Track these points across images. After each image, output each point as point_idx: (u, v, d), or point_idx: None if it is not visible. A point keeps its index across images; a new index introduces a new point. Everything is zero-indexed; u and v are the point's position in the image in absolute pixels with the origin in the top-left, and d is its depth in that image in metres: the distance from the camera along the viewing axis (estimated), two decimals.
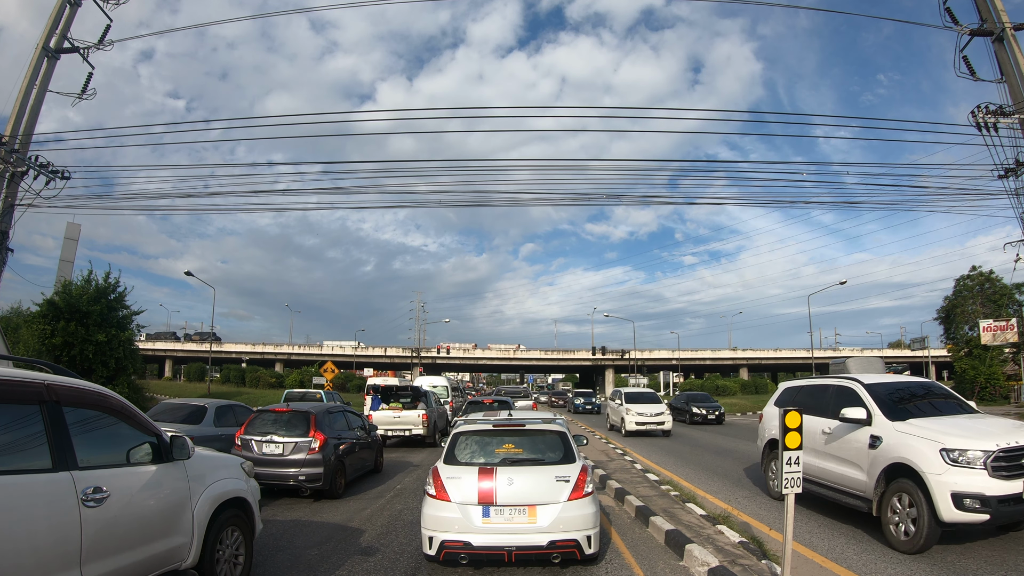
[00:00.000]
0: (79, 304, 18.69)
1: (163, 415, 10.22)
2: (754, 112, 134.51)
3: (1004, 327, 28.61)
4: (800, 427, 4.86)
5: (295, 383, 49.41)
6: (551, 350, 78.41)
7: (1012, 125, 15.25)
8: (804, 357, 66.96)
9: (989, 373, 30.55)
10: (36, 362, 4.29)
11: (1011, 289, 33.44)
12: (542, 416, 6.48)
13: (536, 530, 5.10)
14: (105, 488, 3.44)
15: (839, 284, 45.91)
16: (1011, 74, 15.13)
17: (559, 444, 5.72)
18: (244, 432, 9.06)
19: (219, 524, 4.53)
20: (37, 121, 17.11)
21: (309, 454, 8.68)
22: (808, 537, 6.60)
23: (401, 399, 16.30)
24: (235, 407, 11.63)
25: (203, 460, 4.61)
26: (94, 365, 18.84)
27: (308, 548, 6.26)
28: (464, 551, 5.12)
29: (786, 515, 4.76)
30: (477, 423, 6.06)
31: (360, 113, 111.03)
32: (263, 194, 44.08)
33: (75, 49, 17.92)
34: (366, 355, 70.72)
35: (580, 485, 5.28)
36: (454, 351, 73.05)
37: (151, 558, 3.81)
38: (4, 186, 16.16)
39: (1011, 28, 15.17)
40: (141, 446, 3.97)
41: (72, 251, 22.33)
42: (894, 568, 5.54)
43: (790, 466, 4.79)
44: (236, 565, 4.80)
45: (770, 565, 5.32)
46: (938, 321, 40.34)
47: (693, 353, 75.22)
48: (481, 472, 5.30)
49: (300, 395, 23.05)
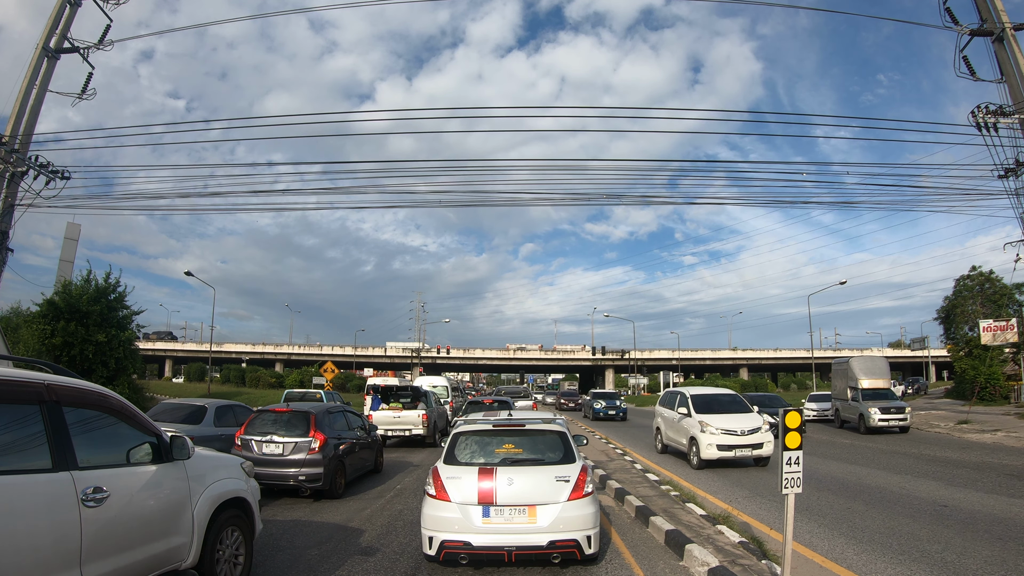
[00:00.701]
0: (79, 304, 18.69)
1: (163, 415, 10.22)
2: (754, 112, 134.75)
3: (1004, 327, 28.58)
4: (799, 427, 4.85)
5: (295, 383, 49.46)
6: (551, 350, 78.47)
7: (1012, 125, 15.26)
8: (804, 357, 66.97)
9: (989, 373, 30.51)
10: (36, 362, 4.29)
11: (1011, 289, 33.42)
12: (542, 416, 6.48)
13: (536, 530, 5.10)
14: (105, 488, 3.44)
15: (839, 284, 45.92)
16: (1011, 74, 15.14)
17: (559, 444, 5.72)
18: (244, 432, 9.05)
19: (219, 524, 4.53)
20: (37, 121, 17.13)
21: (309, 454, 8.68)
22: (808, 537, 6.60)
23: (401, 399, 16.29)
24: (235, 407, 11.62)
25: (203, 460, 4.61)
26: (94, 365, 18.83)
27: (308, 548, 6.25)
28: (464, 551, 5.11)
29: (786, 515, 4.75)
30: (477, 423, 6.06)
31: (359, 113, 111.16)
32: (263, 194, 44.12)
33: (75, 49, 17.93)
34: (366, 355, 70.72)
35: (580, 485, 5.28)
36: (454, 351, 73.06)
37: (151, 558, 3.81)
38: (4, 186, 16.17)
39: (1011, 28, 15.18)
40: (141, 446, 3.97)
41: (72, 251, 22.35)
42: (894, 568, 5.54)
43: (790, 466, 4.77)
44: (236, 565, 4.80)
45: (770, 565, 5.31)
46: (938, 321, 40.36)
47: (693, 353, 75.26)
48: (481, 472, 5.30)
49: (300, 395, 23.06)
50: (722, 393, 14.33)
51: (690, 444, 12.38)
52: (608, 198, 26.99)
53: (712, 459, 11.83)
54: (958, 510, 7.92)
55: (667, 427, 14.13)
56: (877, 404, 19.60)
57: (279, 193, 51.62)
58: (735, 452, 11.77)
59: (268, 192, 51.36)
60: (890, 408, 19.48)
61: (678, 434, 13.23)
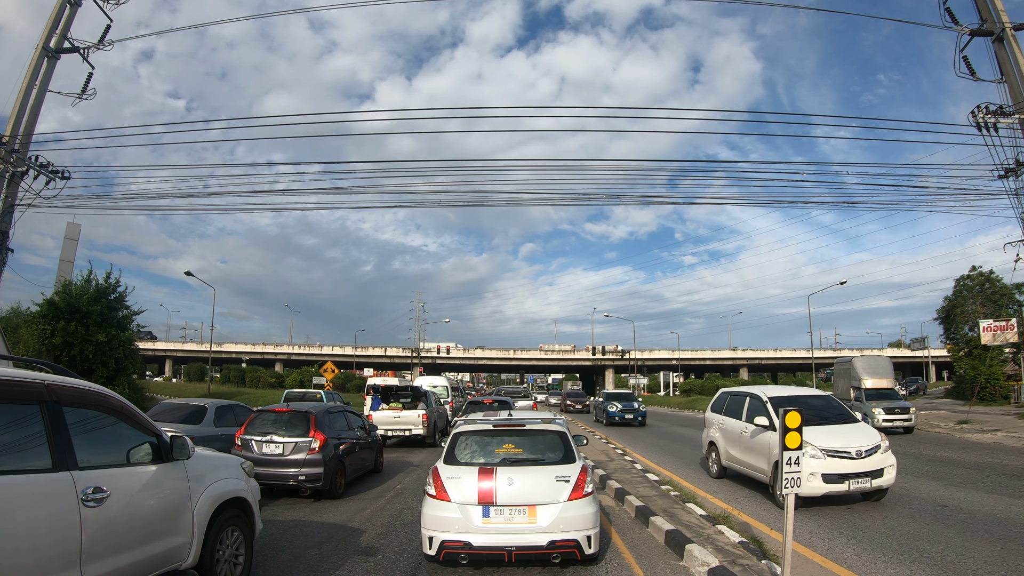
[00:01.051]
0: (79, 304, 18.67)
1: (163, 415, 10.22)
2: (754, 112, 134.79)
3: (1004, 327, 28.58)
4: (800, 427, 4.86)
5: (295, 383, 49.46)
6: (551, 350, 78.42)
7: (1012, 125, 15.26)
8: (804, 357, 66.98)
9: (989, 373, 30.51)
10: (36, 362, 4.29)
11: (1011, 289, 33.46)
12: (542, 416, 6.48)
13: (536, 530, 5.10)
14: (105, 488, 3.44)
15: (839, 284, 45.86)
16: (1011, 74, 15.14)
17: (559, 444, 5.72)
18: (244, 432, 9.05)
19: (219, 524, 4.53)
20: (37, 121, 17.13)
21: (309, 454, 8.68)
22: (808, 537, 6.60)
23: (401, 399, 16.29)
24: (235, 407, 11.62)
25: (203, 460, 4.61)
26: (94, 365, 18.82)
27: (308, 548, 6.26)
28: (464, 551, 5.12)
29: (786, 515, 4.76)
30: (477, 423, 6.06)
31: (359, 113, 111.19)
32: (263, 194, 44.15)
33: (75, 49, 17.93)
34: (366, 355, 70.72)
35: (580, 485, 5.28)
36: (454, 351, 73.05)
37: (151, 558, 3.81)
38: (4, 186, 16.17)
39: (1011, 28, 15.18)
40: (141, 446, 3.97)
41: (72, 251, 22.35)
42: (894, 568, 5.54)
43: (790, 466, 4.78)
44: (236, 565, 4.80)
45: (770, 565, 5.31)
46: (938, 321, 40.39)
47: (693, 353, 75.28)
48: (481, 472, 5.30)
49: (300, 395, 23.06)
50: (812, 395, 10.28)
51: (774, 471, 8.14)
52: (608, 198, 27.02)
53: (816, 495, 7.84)
54: (958, 510, 7.92)
55: (729, 442, 10.01)
56: (881, 404, 19.40)
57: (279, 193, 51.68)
58: (848, 485, 7.83)
59: (268, 192, 51.43)
60: (894, 408, 19.32)
61: (749, 454, 9.25)
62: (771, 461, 8.37)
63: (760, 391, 9.63)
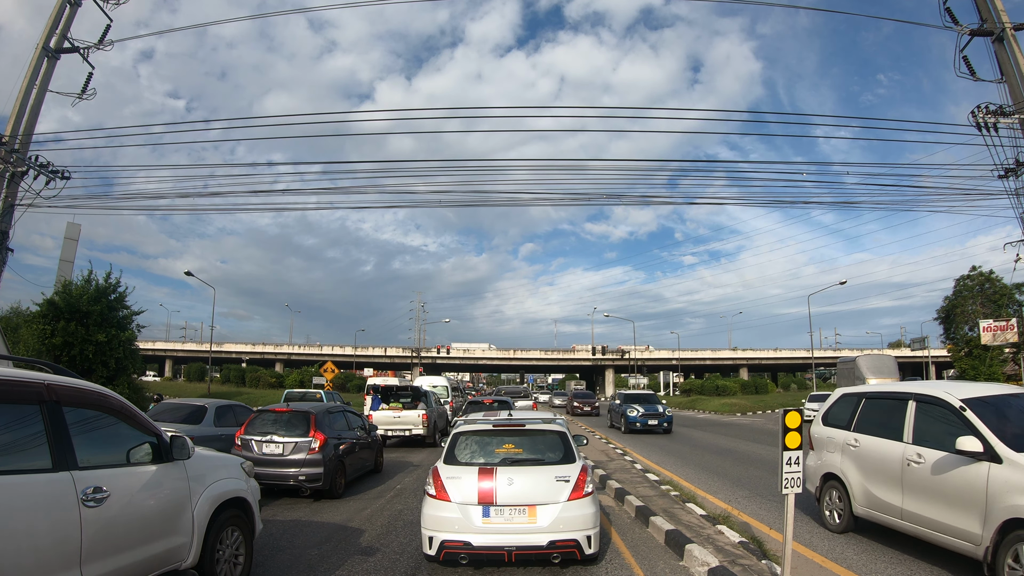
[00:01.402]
0: (79, 304, 18.66)
1: (163, 415, 10.21)
2: (754, 112, 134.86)
3: (1004, 327, 28.59)
4: (800, 427, 4.87)
5: (295, 383, 49.49)
6: (551, 350, 78.44)
7: (1012, 125, 15.25)
8: (804, 357, 67.01)
9: (989, 373, 30.52)
10: (36, 362, 4.29)
11: (1011, 289, 33.39)
12: (542, 416, 6.48)
13: (536, 530, 5.10)
14: (105, 488, 3.44)
15: (839, 284, 45.96)
16: (1011, 74, 15.12)
17: (559, 444, 5.72)
18: (244, 432, 9.06)
19: (219, 524, 4.53)
20: (37, 121, 17.11)
21: (309, 454, 8.68)
22: (808, 537, 6.60)
23: (401, 399, 16.29)
24: (235, 407, 11.62)
25: (203, 460, 4.61)
26: (94, 365, 18.80)
27: (308, 548, 6.26)
28: (464, 551, 5.12)
29: (786, 515, 4.76)
30: (477, 423, 6.06)
31: (359, 113, 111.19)
32: (263, 194, 44.13)
33: (75, 49, 17.91)
34: (366, 355, 70.73)
35: (580, 485, 5.28)
36: (454, 351, 73.06)
37: (151, 558, 3.81)
38: (4, 186, 16.15)
39: (1011, 28, 15.17)
40: (141, 446, 3.97)
41: (72, 251, 22.32)
42: (894, 568, 5.54)
43: (790, 466, 4.81)
44: (236, 565, 4.80)
45: (770, 565, 5.32)
46: (938, 321, 40.26)
47: (693, 353, 75.32)
48: (481, 472, 5.31)
49: (300, 395, 23.07)
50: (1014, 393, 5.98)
51: (997, 538, 4.65)
52: (608, 198, 27.03)
53: None
54: None
55: (873, 478, 6.23)
56: None
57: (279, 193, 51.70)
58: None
59: (268, 192, 51.43)
60: None
61: (926, 501, 5.51)
62: (990, 519, 4.75)
63: (941, 392, 5.77)
